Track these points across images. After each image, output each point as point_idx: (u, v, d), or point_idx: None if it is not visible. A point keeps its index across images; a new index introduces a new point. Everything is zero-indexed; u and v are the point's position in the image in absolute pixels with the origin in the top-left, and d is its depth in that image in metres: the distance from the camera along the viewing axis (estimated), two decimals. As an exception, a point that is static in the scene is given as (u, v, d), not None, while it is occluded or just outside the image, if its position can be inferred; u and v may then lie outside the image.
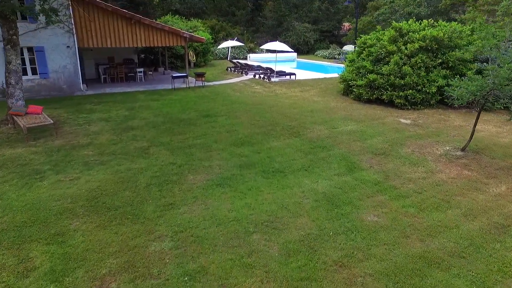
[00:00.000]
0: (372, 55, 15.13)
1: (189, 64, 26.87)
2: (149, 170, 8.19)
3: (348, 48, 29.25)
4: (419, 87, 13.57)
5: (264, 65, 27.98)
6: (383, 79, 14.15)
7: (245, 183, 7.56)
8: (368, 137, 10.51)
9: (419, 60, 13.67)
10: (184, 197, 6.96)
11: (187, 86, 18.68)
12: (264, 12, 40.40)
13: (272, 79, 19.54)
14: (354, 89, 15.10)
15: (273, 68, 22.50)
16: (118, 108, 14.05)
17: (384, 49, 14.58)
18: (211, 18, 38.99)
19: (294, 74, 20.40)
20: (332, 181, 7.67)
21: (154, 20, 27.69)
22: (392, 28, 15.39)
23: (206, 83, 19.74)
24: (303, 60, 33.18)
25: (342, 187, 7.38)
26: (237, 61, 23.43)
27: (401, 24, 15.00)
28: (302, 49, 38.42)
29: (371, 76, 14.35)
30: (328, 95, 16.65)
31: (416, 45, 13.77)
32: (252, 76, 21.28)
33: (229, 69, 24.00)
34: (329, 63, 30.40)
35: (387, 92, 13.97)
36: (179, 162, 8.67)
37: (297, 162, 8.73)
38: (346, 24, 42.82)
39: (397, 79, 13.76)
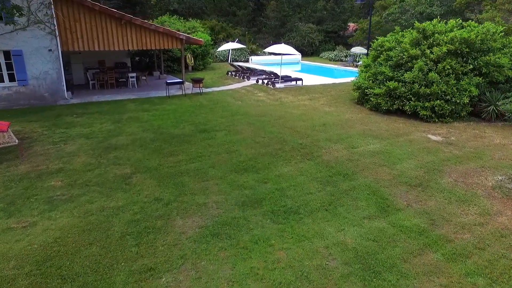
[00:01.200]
0: (392, 60, 13.36)
1: (187, 67, 25.18)
2: (128, 211, 6.44)
3: (356, 50, 27.53)
4: (447, 97, 11.80)
5: (267, 68, 26.27)
6: (405, 88, 12.38)
7: (250, 232, 5.80)
8: (396, 160, 8.75)
9: (447, 66, 11.90)
10: (168, 256, 5.20)
11: (183, 93, 16.94)
12: (267, 12, 38.66)
13: (277, 85, 17.81)
14: (371, 98, 13.34)
15: (278, 73, 20.76)
16: (103, 121, 12.31)
17: (405, 53, 12.81)
18: (211, 19, 37.26)
19: (300, 79, 18.65)
20: (363, 229, 5.90)
21: (150, 21, 26.04)
22: (414, 29, 13.63)
23: (205, 90, 18.01)
24: (308, 62, 31.42)
25: (377, 239, 5.61)
26: (238, 65, 21.71)
27: (424, 24, 13.23)
28: (307, 50, 36.67)
29: (391, 84, 12.59)
30: (341, 104, 14.88)
31: (444, 49, 12.00)
32: (254, 82, 19.54)
33: (229, 73, 22.26)
34: (336, 65, 28.63)
35: (410, 102, 12.20)
36: (166, 198, 6.92)
37: (314, 197, 6.97)
38: (352, 25, 41.04)
39: (422, 87, 11.99)
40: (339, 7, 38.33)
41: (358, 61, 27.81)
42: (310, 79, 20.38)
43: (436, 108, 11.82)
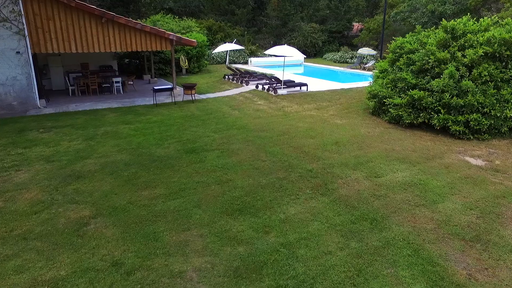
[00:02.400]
0: (414, 64, 11.40)
1: (181, 70, 23.25)
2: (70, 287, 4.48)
3: (364, 51, 25.57)
4: (485, 110, 9.84)
5: (268, 71, 24.34)
6: (432, 98, 10.42)
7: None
8: (436, 197, 6.78)
9: (484, 72, 9.94)
10: None
11: (173, 100, 14.98)
12: (267, 11, 36.70)
13: (279, 91, 15.85)
14: (391, 109, 11.37)
15: (280, 77, 18.81)
16: (73, 137, 10.35)
17: (432, 57, 10.84)
18: (208, 18, 35.29)
19: (305, 84, 16.67)
20: (414, 325, 3.93)
21: (142, 21, 24.12)
22: (439, 29, 11.66)
23: (198, 96, 16.05)
24: (311, 64, 29.46)
25: None
26: (236, 68, 19.75)
27: (453, 22, 11.26)
28: (309, 51, 34.71)
29: (415, 93, 10.63)
30: (353, 115, 12.91)
31: (480, 51, 10.04)
32: (254, 87, 17.57)
33: (226, 77, 20.29)
34: (341, 68, 26.64)
35: (439, 116, 10.23)
36: (128, 263, 4.95)
37: (335, 260, 5.01)
38: (356, 24, 39.08)
39: (454, 97, 10.02)
40: (344, 6, 36.36)
41: (366, 63, 25.86)
42: (315, 84, 18.41)
43: (471, 123, 9.85)
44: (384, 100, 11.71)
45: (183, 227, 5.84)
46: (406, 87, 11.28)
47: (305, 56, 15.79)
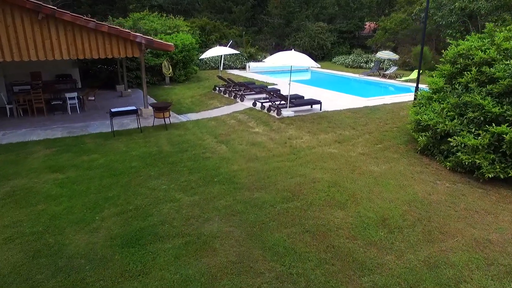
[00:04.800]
0: (495, 83, 7.39)
1: (164, 79, 19.28)
2: None
3: (383, 55, 21.49)
4: None
5: (269, 79, 20.31)
6: (535, 139, 6.40)
7: None
8: None
9: None
10: None
11: (139, 126, 10.99)
12: (269, 9, 32.65)
13: (284, 112, 11.84)
14: (460, 153, 7.34)
15: (284, 89, 14.82)
16: (-48, 204, 6.37)
17: (528, 72, 6.81)
18: (201, 16, 31.29)
19: (318, 102, 12.64)
20: None
21: (121, 20, 20.18)
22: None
23: (176, 117, 12.11)
24: (319, 70, 25.40)
25: None
26: (229, 79, 15.73)
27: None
28: (316, 54, 30.65)
29: (502, 130, 6.63)
30: (393, 153, 8.87)
31: None
32: (250, 104, 13.54)
33: (217, 88, 16.28)
34: (355, 75, 22.53)
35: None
36: None
37: None
38: (369, 24, 34.99)
39: None
40: (355, 2, 32.25)
41: (386, 69, 21.82)
42: (329, 99, 14.41)
43: None
44: (449, 140, 7.66)
45: None
46: (482, 119, 7.27)
47: (319, 66, 11.65)
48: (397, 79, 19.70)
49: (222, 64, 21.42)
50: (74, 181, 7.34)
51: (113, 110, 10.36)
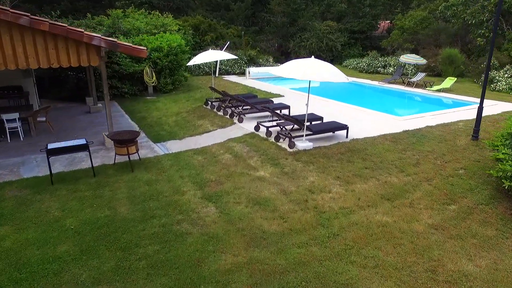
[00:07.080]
0: None
1: (146, 88, 16.01)
2: None
3: (409, 59, 18.13)
4: None
5: (274, 88, 16.92)
6: None
7: None
8: None
9: None
10: None
11: (92, 165, 7.65)
12: (271, 6, 29.31)
13: (299, 144, 8.53)
14: None
15: (294, 103, 11.52)
16: None
17: None
18: (195, 14, 27.94)
19: (344, 127, 9.31)
20: None
21: (102, 18, 16.79)
22: None
23: (153, 146, 8.81)
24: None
25: None
26: (224, 91, 12.36)
27: None
28: (324, 57, 27.30)
29: None
30: (485, 229, 5.57)
31: None
32: (252, 128, 10.20)
33: (210, 103, 12.90)
34: (374, 82, 19.18)
35: None
36: None
37: None
38: (383, 23, 31.67)
39: None
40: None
41: (411, 77, 18.49)
42: (352, 117, 11.14)
43: None
44: None
45: None
46: None
47: (347, 78, 8.21)
48: (427, 88, 16.39)
49: (218, 70, 18.08)
50: None
51: (50, 146, 7.04)
